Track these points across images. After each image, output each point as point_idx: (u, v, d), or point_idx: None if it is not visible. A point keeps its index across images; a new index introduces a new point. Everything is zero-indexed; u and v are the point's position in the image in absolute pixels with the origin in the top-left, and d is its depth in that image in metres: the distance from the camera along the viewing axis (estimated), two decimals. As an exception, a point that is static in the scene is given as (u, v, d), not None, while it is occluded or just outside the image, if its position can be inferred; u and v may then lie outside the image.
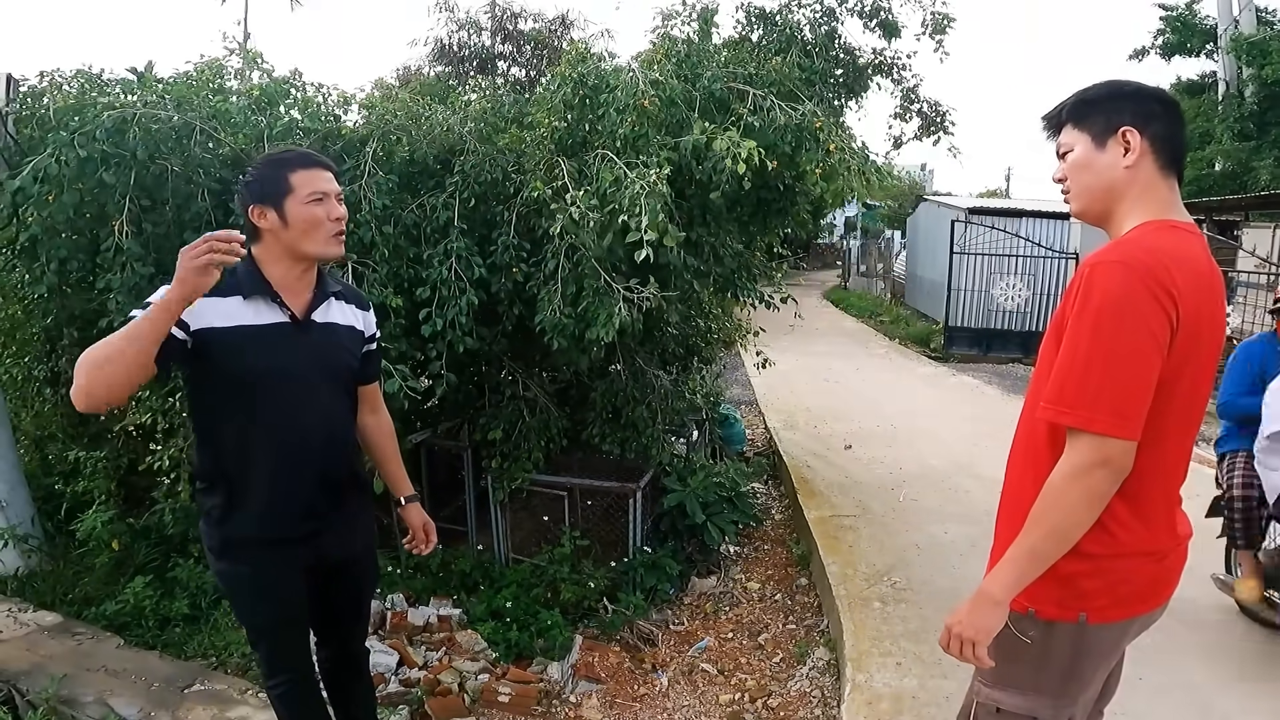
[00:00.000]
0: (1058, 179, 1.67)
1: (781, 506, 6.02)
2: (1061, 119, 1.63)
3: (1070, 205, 1.67)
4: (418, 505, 2.43)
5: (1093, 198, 1.60)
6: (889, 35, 5.21)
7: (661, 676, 3.82)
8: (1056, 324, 1.54)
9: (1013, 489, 1.68)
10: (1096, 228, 1.64)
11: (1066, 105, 1.63)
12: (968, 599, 1.55)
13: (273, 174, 1.95)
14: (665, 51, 4.11)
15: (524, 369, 4.48)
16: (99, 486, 4.17)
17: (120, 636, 3.64)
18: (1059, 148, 1.64)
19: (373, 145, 3.72)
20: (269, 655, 2.21)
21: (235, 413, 1.96)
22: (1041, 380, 1.57)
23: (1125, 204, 1.56)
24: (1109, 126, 1.55)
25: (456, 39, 8.32)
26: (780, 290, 5.23)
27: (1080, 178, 1.59)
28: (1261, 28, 13.86)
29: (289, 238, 1.95)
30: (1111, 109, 1.55)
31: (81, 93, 3.52)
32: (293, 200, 1.93)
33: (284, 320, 1.98)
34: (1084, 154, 1.58)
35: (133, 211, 3.30)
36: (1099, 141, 1.56)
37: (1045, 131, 1.70)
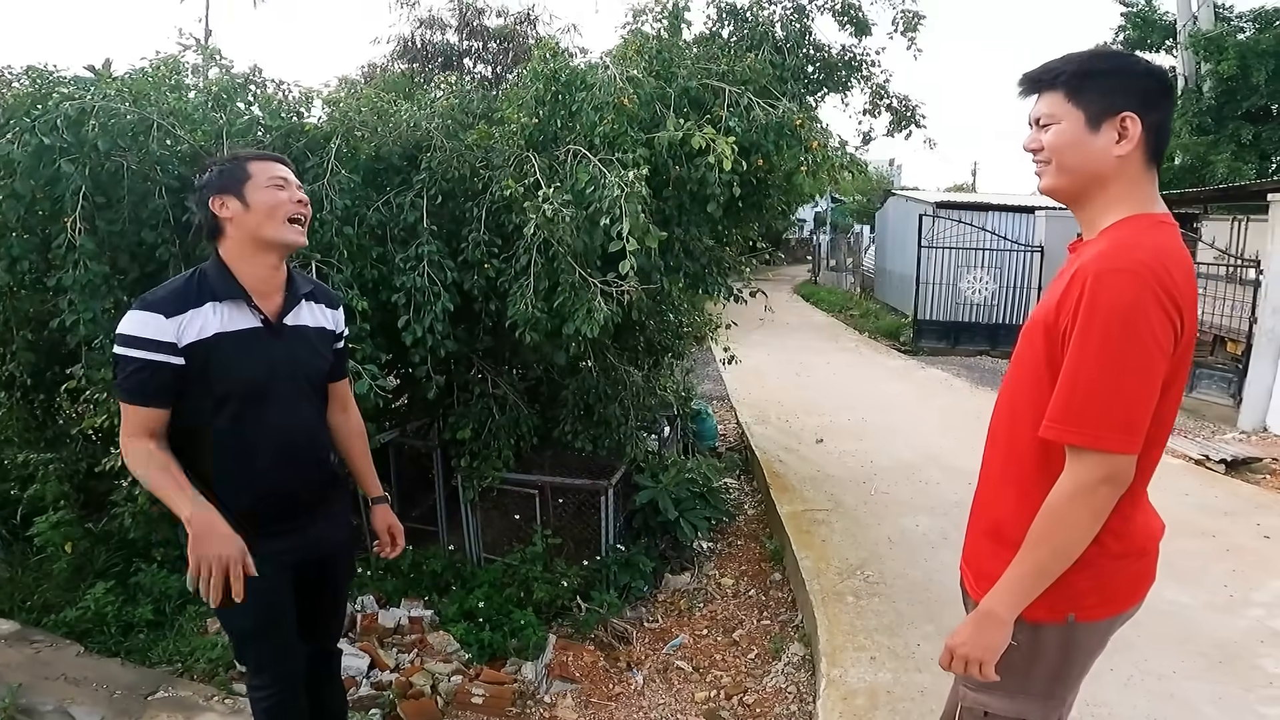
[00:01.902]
0: (1032, 149, 1.53)
1: (754, 502, 6.04)
2: (1051, 85, 1.49)
3: (1042, 180, 1.54)
4: (386, 507, 2.41)
5: (1073, 179, 1.49)
6: (860, 33, 5.23)
7: (636, 675, 3.81)
8: (1045, 329, 1.46)
9: (991, 498, 1.64)
10: (1064, 209, 1.59)
11: (1062, 72, 1.48)
12: (968, 619, 1.53)
13: (231, 165, 1.97)
14: (637, 48, 4.08)
15: (493, 367, 4.44)
16: (52, 490, 4.06)
17: (81, 644, 3.55)
18: (1040, 117, 1.51)
19: (336, 142, 3.67)
20: (257, 659, 2.17)
21: (212, 418, 1.94)
22: (1020, 385, 1.53)
23: (1109, 193, 1.48)
24: (1109, 108, 1.44)
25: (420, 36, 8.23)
26: (749, 284, 5.23)
27: (1065, 156, 1.48)
28: (1219, 24, 14.13)
29: (251, 223, 1.94)
30: (1115, 89, 1.44)
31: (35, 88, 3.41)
32: (252, 185, 1.94)
33: (257, 325, 1.98)
34: (1074, 133, 1.46)
35: (87, 208, 3.21)
36: (1093, 122, 1.45)
37: (1023, 90, 1.56)
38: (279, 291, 2.04)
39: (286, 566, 2.10)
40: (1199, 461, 6.36)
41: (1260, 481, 6.02)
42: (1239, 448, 6.78)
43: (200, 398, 1.93)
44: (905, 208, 16.64)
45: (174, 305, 1.88)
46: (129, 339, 1.85)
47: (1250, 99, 13.36)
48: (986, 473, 1.67)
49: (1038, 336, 1.48)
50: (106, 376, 3.52)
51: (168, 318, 1.86)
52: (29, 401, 4.30)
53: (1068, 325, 1.40)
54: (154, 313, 1.85)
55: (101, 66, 3.83)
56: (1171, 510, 5.18)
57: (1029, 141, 1.55)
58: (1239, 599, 3.89)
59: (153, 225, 3.46)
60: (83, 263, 3.18)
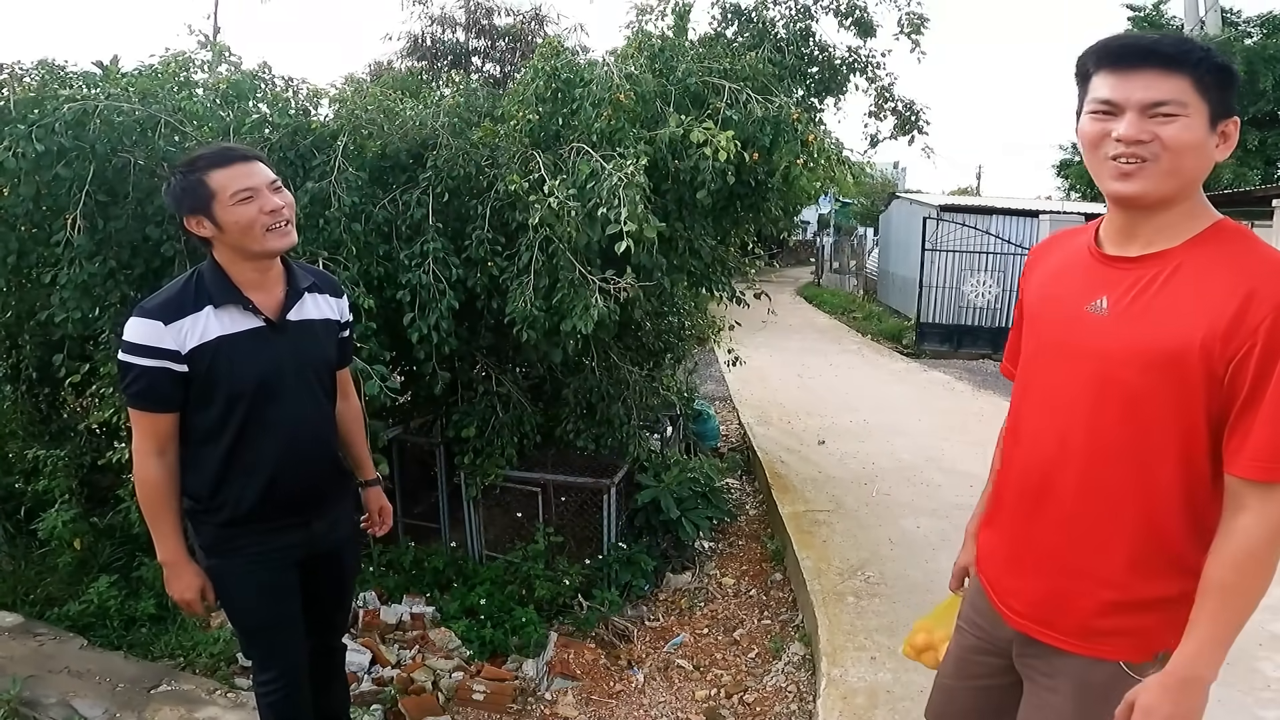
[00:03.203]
0: (1141, 139, 1.27)
1: (756, 502, 6.04)
2: (1184, 66, 1.26)
3: (1139, 182, 1.30)
4: (379, 489, 2.47)
5: (1181, 184, 1.30)
6: (864, 34, 5.23)
7: (637, 673, 3.82)
8: (1204, 359, 1.27)
9: (1102, 550, 1.44)
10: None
11: (1203, 56, 1.26)
12: (1161, 689, 1.35)
13: (192, 181, 1.88)
14: (639, 46, 4.10)
15: (497, 365, 4.46)
16: (60, 485, 4.08)
17: (84, 637, 3.57)
18: (1165, 101, 1.25)
19: (343, 140, 3.68)
20: (263, 654, 2.19)
21: (221, 420, 1.96)
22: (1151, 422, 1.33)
23: (1188, 199, 1.34)
24: (1226, 111, 1.29)
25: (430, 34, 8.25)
26: (753, 285, 5.24)
27: (1188, 158, 1.28)
28: (1226, 29, 14.12)
29: (230, 240, 1.91)
30: (1233, 90, 1.29)
31: (42, 85, 3.43)
32: (218, 205, 1.86)
33: (259, 324, 1.96)
34: (1200, 132, 1.27)
35: (88, 206, 3.22)
36: (1213, 122, 1.28)
37: (1135, 62, 1.28)
38: (278, 286, 2.02)
39: (293, 562, 2.11)
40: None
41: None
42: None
43: (207, 400, 1.93)
44: (909, 210, 16.63)
45: (172, 311, 1.87)
46: (132, 346, 1.86)
47: (1257, 104, 13.37)
48: (1087, 520, 1.45)
49: (1189, 367, 1.28)
50: (113, 371, 3.55)
51: (166, 324, 1.86)
52: (34, 395, 4.32)
53: (1249, 353, 1.24)
54: (153, 320, 1.86)
55: (109, 63, 3.85)
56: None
57: (1134, 129, 1.27)
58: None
59: (158, 221, 3.47)
60: (79, 261, 3.19)
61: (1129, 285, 1.37)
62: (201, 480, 2.00)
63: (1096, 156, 1.35)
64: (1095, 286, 1.42)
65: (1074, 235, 1.60)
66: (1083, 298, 1.44)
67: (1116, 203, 1.38)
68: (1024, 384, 1.58)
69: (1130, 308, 1.36)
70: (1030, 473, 1.53)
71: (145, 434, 1.93)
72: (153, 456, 1.93)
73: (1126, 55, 1.30)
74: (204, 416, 1.95)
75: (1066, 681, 1.50)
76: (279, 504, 2.04)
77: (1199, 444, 1.33)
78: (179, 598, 2.03)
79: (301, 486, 2.08)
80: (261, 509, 2.02)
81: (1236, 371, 1.26)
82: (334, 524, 2.20)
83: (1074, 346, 1.44)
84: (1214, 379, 1.28)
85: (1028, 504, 1.54)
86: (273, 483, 2.01)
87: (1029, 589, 1.54)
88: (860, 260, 22.38)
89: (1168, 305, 1.32)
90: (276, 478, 2.01)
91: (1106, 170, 1.33)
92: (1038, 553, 1.52)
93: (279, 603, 2.11)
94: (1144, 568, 1.40)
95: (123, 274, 3.47)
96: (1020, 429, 1.59)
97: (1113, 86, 1.30)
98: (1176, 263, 1.33)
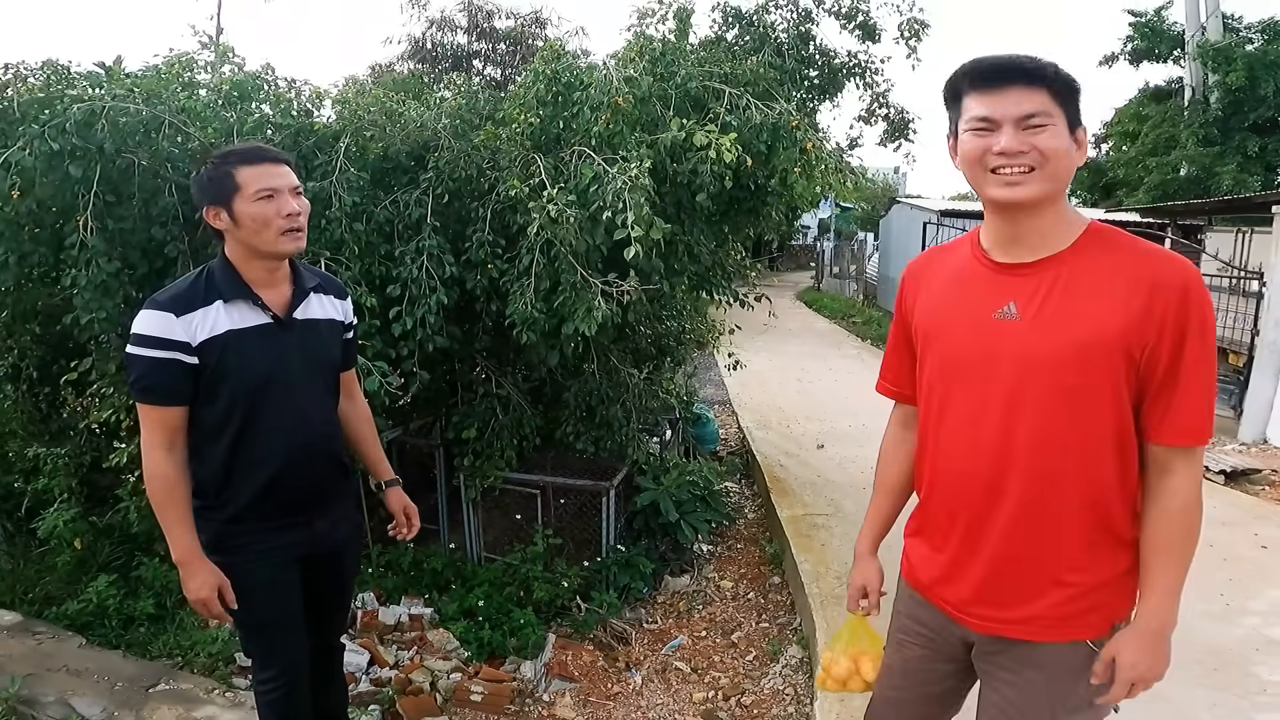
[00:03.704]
0: (1020, 150, 1.38)
1: (754, 505, 6.05)
2: (1043, 81, 1.39)
3: (1024, 188, 1.40)
4: (399, 489, 2.44)
5: (1058, 186, 1.43)
6: (867, 38, 5.25)
7: (635, 675, 3.83)
8: (1124, 347, 1.39)
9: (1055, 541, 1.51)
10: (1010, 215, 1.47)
11: (1053, 71, 1.41)
12: (1135, 644, 1.48)
13: (220, 173, 1.93)
14: (640, 49, 4.11)
15: (497, 367, 4.46)
16: (60, 484, 4.09)
17: (82, 636, 3.57)
18: (1034, 113, 1.38)
19: (345, 141, 3.69)
20: (264, 652, 2.19)
21: (227, 415, 1.97)
22: (1086, 411, 1.43)
23: (1061, 202, 1.48)
24: (1079, 118, 1.44)
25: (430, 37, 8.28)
26: (754, 289, 5.25)
27: (1060, 162, 1.40)
28: (1228, 34, 14.06)
29: (242, 237, 1.94)
30: (1079, 101, 1.44)
31: (47, 85, 3.45)
32: (240, 199, 1.90)
33: (267, 321, 1.99)
34: (1065, 138, 1.41)
35: (97, 206, 3.24)
36: (1071, 129, 1.42)
37: (1001, 80, 1.41)
38: (285, 285, 2.05)
39: (295, 560, 2.12)
40: (1199, 472, 6.36)
41: (1259, 493, 6.01)
42: (1239, 459, 6.77)
43: (214, 395, 1.95)
44: (909, 215, 16.66)
45: (183, 304, 1.90)
46: (142, 338, 1.87)
47: (1258, 110, 13.31)
48: (1040, 514, 1.50)
49: (1113, 354, 1.40)
50: (111, 370, 3.56)
51: (178, 316, 1.88)
52: (34, 395, 4.33)
53: (1160, 338, 1.38)
54: (165, 312, 1.88)
55: (113, 63, 3.86)
56: (1170, 518, 5.11)
57: (1017, 142, 1.38)
58: (1235, 607, 3.89)
59: (162, 222, 3.49)
60: (95, 261, 3.20)
61: (1033, 289, 1.46)
62: (207, 476, 2.01)
63: (979, 169, 1.45)
64: (998, 294, 1.50)
65: (948, 251, 1.68)
66: (988, 306, 1.51)
67: (1002, 209, 1.47)
68: (942, 398, 1.60)
69: (1043, 309, 1.45)
70: (971, 480, 1.56)
71: (154, 429, 1.93)
72: (162, 450, 1.93)
73: (995, 74, 1.42)
74: (210, 411, 1.96)
75: (1039, 673, 1.55)
76: (282, 501, 2.05)
77: (1127, 425, 1.45)
78: (195, 597, 1.97)
79: (305, 484, 2.09)
80: (265, 505, 2.03)
81: (1152, 353, 1.39)
82: (335, 523, 2.21)
83: (992, 353, 1.49)
84: (1132, 363, 1.40)
85: (971, 511, 1.57)
86: (277, 479, 2.02)
87: (989, 591, 1.57)
88: (860, 265, 22.41)
89: (1080, 304, 1.42)
90: (281, 474, 2.02)
91: (991, 181, 1.43)
92: (993, 555, 1.55)
93: (280, 600, 2.12)
94: (1098, 548, 1.50)
95: (127, 274, 3.48)
96: (945, 441, 1.61)
97: (987, 104, 1.42)
98: (1071, 264, 1.45)
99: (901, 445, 1.82)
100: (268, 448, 2.00)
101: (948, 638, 1.68)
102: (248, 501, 2.01)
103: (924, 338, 1.64)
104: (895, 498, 1.87)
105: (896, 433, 1.85)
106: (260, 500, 2.02)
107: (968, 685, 1.77)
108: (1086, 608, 1.51)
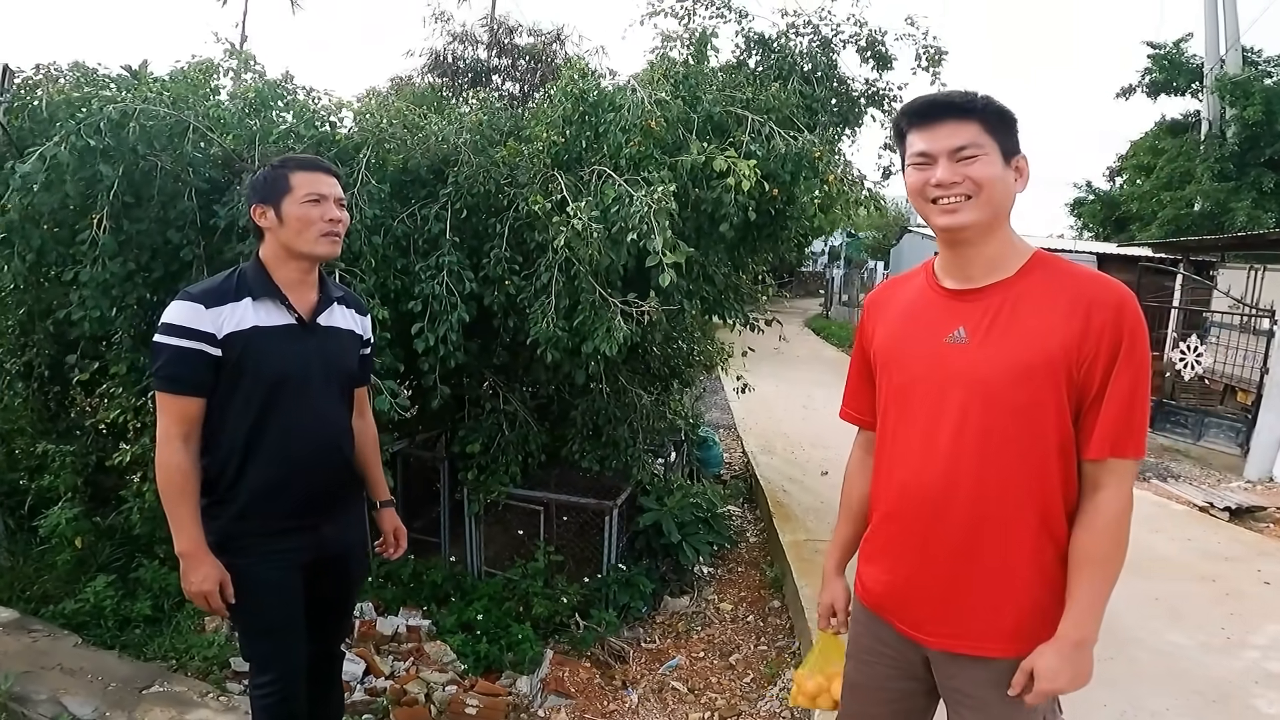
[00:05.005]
0: (953, 180, 1.47)
1: (756, 530, 6.02)
2: (974, 113, 1.48)
3: (961, 214, 1.49)
4: (392, 510, 2.50)
5: (992, 215, 1.50)
6: (881, 67, 5.29)
7: (631, 693, 3.80)
8: (1066, 365, 1.45)
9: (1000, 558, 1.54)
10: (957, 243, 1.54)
11: (984, 103, 1.50)
12: (1056, 654, 1.49)
13: (276, 174, 2.04)
14: (664, 72, 4.15)
15: (505, 383, 4.47)
16: (65, 482, 4.09)
17: (78, 635, 3.56)
18: (965, 145, 1.47)
19: (366, 153, 3.73)
20: (264, 656, 2.19)
21: (243, 411, 2.00)
22: (1033, 427, 1.48)
23: (1003, 230, 1.54)
24: (1015, 147, 1.51)
25: (451, 51, 8.35)
26: (765, 313, 5.26)
27: (995, 190, 1.48)
28: (1247, 68, 13.88)
29: (284, 236, 2.03)
30: (1015, 129, 1.52)
31: (77, 86, 3.50)
32: (290, 200, 2.01)
33: (292, 322, 2.05)
34: (999, 167, 1.48)
35: (115, 206, 3.27)
36: (1005, 158, 1.49)
37: (933, 117, 1.50)
38: (312, 291, 2.12)
39: (300, 565, 2.13)
40: (1203, 508, 6.32)
41: (1264, 530, 5.98)
42: (1243, 496, 6.74)
43: (233, 389, 1.98)
44: (920, 245, 16.69)
45: (214, 298, 1.96)
46: (170, 327, 1.92)
47: (1274, 146, 13.08)
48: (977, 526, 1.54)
49: (1055, 374, 1.46)
50: (121, 371, 3.58)
51: (207, 308, 1.94)
52: (44, 393, 4.35)
53: (1096, 354, 1.44)
54: (195, 303, 1.94)
55: (139, 68, 3.92)
56: (1174, 554, 5.17)
57: (947, 173, 1.48)
58: (1236, 641, 3.87)
59: (179, 226, 3.52)
60: (102, 260, 3.24)
61: (981, 314, 1.53)
62: (218, 470, 2.03)
63: (922, 200, 1.54)
64: (949, 319, 1.57)
65: (906, 281, 1.75)
66: (939, 331, 1.57)
67: (946, 236, 1.56)
68: (895, 420, 1.66)
69: (990, 332, 1.52)
70: (922, 500, 1.60)
71: (172, 419, 1.96)
72: (178, 441, 1.95)
73: (928, 112, 1.52)
74: (228, 405, 1.99)
75: (997, 690, 1.56)
76: (292, 500, 2.07)
77: (1069, 440, 1.50)
78: (196, 590, 1.98)
79: (316, 485, 2.11)
80: (274, 504, 2.04)
81: (1088, 371, 1.45)
82: (343, 529, 2.23)
83: (942, 375, 1.56)
84: (1072, 382, 1.47)
85: (924, 531, 1.60)
86: (289, 477, 2.05)
87: (943, 609, 1.60)
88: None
89: (1024, 326, 1.49)
90: (292, 472, 2.05)
91: (933, 211, 1.53)
92: (944, 573, 1.59)
93: (284, 604, 2.12)
94: (1048, 563, 1.53)
95: (141, 276, 3.51)
96: (898, 462, 1.65)
97: (924, 140, 1.51)
98: (1018, 290, 1.52)
99: (863, 469, 1.89)
100: (282, 444, 2.03)
101: (910, 656, 1.70)
102: (258, 498, 2.03)
103: (881, 364, 1.71)
104: (858, 520, 1.90)
105: (859, 456, 1.93)
106: (270, 498, 2.04)
107: (934, 704, 1.78)
108: (1040, 623, 1.53)
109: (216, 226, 3.47)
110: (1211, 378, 9.16)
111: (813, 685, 1.97)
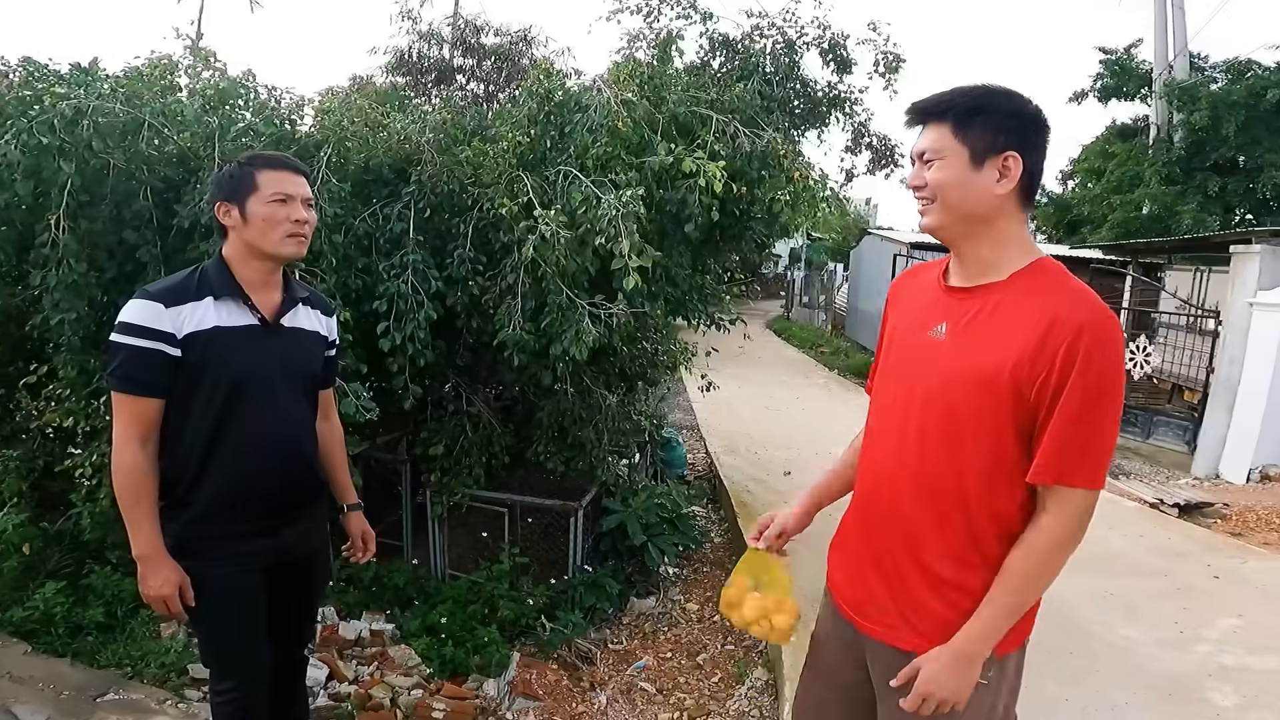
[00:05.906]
0: (915, 185, 1.51)
1: (721, 530, 6.05)
2: (940, 117, 1.47)
3: (925, 219, 1.52)
4: (360, 514, 2.45)
5: (956, 218, 1.49)
6: (842, 71, 5.37)
7: (600, 695, 3.79)
8: (1013, 378, 1.41)
9: (927, 543, 1.56)
10: (943, 242, 1.54)
11: (953, 104, 1.47)
12: (939, 661, 1.50)
13: (242, 172, 1.99)
14: (629, 73, 4.16)
15: (469, 384, 4.43)
16: (10, 487, 3.97)
17: (28, 643, 3.45)
18: (925, 151, 1.48)
19: (327, 151, 3.68)
20: (225, 661, 2.14)
21: (203, 412, 1.95)
22: (966, 434, 1.47)
23: (996, 232, 1.49)
24: (993, 146, 1.44)
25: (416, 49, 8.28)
26: (729, 314, 5.29)
27: (949, 194, 1.46)
28: (1194, 73, 14.15)
29: (249, 235, 1.98)
30: (1001, 127, 1.44)
31: (27, 83, 3.39)
32: (255, 198, 1.96)
33: (254, 323, 2.00)
34: (958, 170, 1.45)
35: (70, 206, 3.18)
36: (977, 160, 1.44)
37: (909, 121, 1.53)
38: (276, 291, 2.07)
39: (261, 568, 2.08)
40: (1153, 505, 6.50)
41: (1212, 525, 6.16)
42: (1192, 493, 6.94)
43: (193, 390, 1.93)
44: (880, 248, 16.90)
45: (174, 297, 1.91)
46: (128, 326, 1.86)
47: (1219, 150, 13.37)
48: (910, 518, 1.57)
49: (1001, 387, 1.43)
50: (71, 374, 3.48)
51: (167, 308, 1.88)
52: (-13, 396, 4.21)
53: (1048, 374, 1.38)
54: (155, 302, 1.88)
55: (89, 64, 3.82)
56: (1126, 551, 5.29)
57: (912, 178, 1.52)
58: (1189, 635, 3.97)
59: (135, 226, 3.44)
60: (67, 261, 3.15)
61: (962, 313, 1.53)
62: (178, 472, 1.98)
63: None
64: (937, 314, 1.58)
65: (930, 268, 1.74)
66: (927, 324, 1.59)
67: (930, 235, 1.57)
68: (874, 405, 1.75)
69: (963, 334, 1.52)
70: (875, 486, 1.66)
71: (129, 420, 1.90)
72: (134, 443, 1.90)
73: (911, 116, 1.54)
74: (188, 407, 1.95)
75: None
76: (252, 502, 2.03)
77: (1007, 456, 1.46)
78: (154, 594, 1.93)
79: (276, 489, 2.07)
80: (235, 505, 2.00)
81: (1039, 390, 1.41)
82: (306, 533, 2.19)
83: (915, 368, 1.58)
84: (1021, 399, 1.43)
85: (865, 513, 1.68)
86: (249, 481, 2.00)
87: (878, 594, 1.64)
88: (830, 295, 22.66)
89: (992, 332, 1.47)
90: (253, 476, 2.01)
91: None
92: (880, 558, 1.63)
93: (244, 608, 2.08)
94: (970, 566, 1.52)
95: (94, 276, 3.41)
96: (868, 448, 1.72)
97: (912, 143, 1.55)
98: (999, 296, 1.49)
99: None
100: (242, 447, 1.99)
101: (858, 645, 1.72)
102: (218, 501, 1.98)
103: (884, 348, 1.75)
104: (840, 475, 1.94)
105: None
106: (230, 501, 1.99)
107: None
108: (955, 627, 1.52)
109: (174, 226, 3.39)
110: (1160, 377, 9.42)
111: (731, 592, 1.98)
